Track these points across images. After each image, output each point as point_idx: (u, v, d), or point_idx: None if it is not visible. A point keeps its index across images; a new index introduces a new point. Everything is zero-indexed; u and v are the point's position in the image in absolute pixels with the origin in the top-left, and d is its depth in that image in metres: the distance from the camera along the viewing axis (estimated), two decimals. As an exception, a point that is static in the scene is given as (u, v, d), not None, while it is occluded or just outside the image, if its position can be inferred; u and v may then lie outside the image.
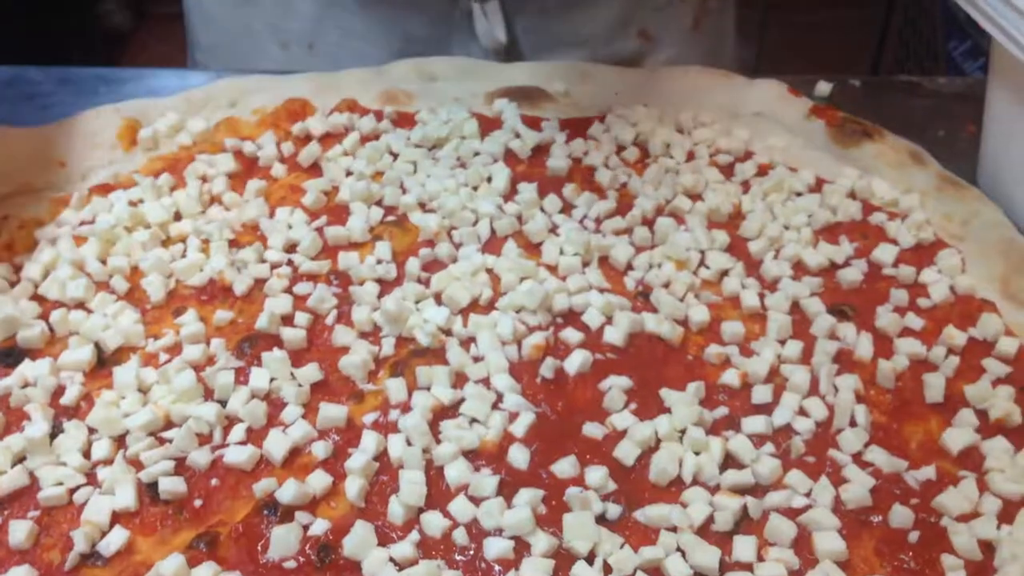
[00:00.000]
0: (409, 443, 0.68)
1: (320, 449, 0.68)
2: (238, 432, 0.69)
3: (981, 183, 0.92)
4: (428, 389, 0.71)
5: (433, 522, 0.64)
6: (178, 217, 0.86)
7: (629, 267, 0.83)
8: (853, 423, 0.71)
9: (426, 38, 1.07)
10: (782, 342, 0.77)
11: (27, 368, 0.72)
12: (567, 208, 0.88)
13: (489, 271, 0.81)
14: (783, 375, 0.74)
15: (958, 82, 1.07)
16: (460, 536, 0.63)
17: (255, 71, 1.01)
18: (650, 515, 0.64)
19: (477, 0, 1.03)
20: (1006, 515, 0.66)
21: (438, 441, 0.68)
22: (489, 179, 0.90)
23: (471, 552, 0.63)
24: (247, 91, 0.98)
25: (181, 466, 0.67)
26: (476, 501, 0.65)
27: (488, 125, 0.95)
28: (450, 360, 0.74)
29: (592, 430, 0.70)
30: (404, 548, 0.62)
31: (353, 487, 0.65)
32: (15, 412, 0.70)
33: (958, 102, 1.03)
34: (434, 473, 0.67)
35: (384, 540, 0.63)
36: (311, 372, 0.73)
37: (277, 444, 0.68)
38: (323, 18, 1.08)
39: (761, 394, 0.73)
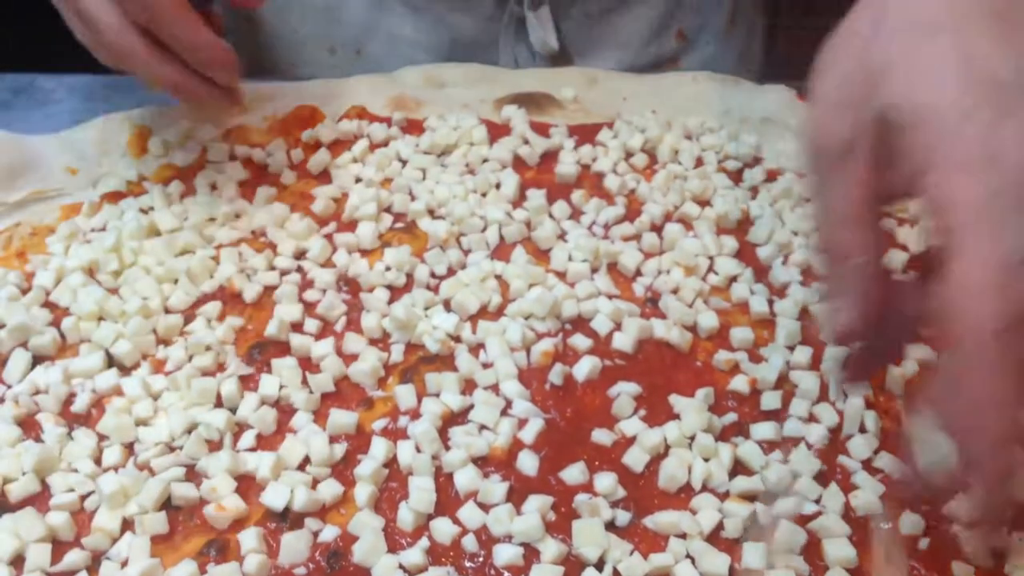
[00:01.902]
0: (418, 450, 0.68)
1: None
2: (248, 439, 0.69)
3: (991, 188, 0.91)
4: (437, 395, 0.72)
5: (442, 528, 0.64)
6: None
7: (638, 273, 0.83)
8: (863, 429, 0.71)
9: (474, 42, 1.07)
10: (791, 348, 0.76)
11: (39, 375, 0.73)
12: (576, 214, 0.88)
13: (498, 277, 0.81)
14: (792, 381, 0.74)
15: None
16: (470, 543, 0.63)
17: (299, 78, 1.02)
18: (659, 522, 0.64)
19: (531, 8, 1.03)
20: (1018, 522, 0.66)
21: (447, 448, 0.68)
22: (498, 185, 0.90)
23: (481, 559, 0.63)
24: (257, 98, 0.98)
25: (191, 472, 0.67)
26: (485, 508, 0.65)
27: (497, 131, 0.95)
28: (459, 367, 0.74)
29: (601, 436, 0.70)
30: (414, 555, 0.62)
31: (363, 494, 0.65)
32: (27, 420, 0.71)
33: (967, 107, 1.03)
34: (443, 479, 0.67)
35: (393, 547, 0.63)
36: (322, 379, 0.73)
37: (293, 452, 0.68)
38: (371, 23, 1.08)
39: (770, 400, 0.73)
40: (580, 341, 0.76)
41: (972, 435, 0.47)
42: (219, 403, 0.72)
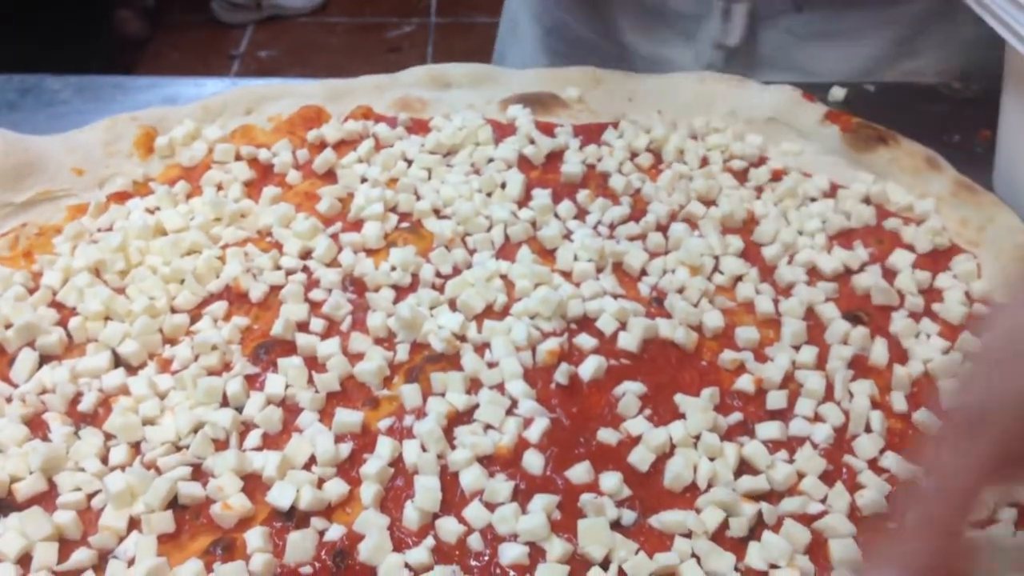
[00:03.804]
0: (424, 449, 0.68)
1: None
2: (254, 438, 0.70)
3: (997, 188, 0.92)
4: (443, 395, 0.72)
5: (448, 527, 0.64)
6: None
7: (643, 273, 0.83)
8: (868, 429, 0.71)
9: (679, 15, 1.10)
10: (797, 347, 0.76)
11: (46, 375, 0.73)
12: (581, 214, 0.88)
13: (503, 277, 0.81)
14: (798, 381, 0.74)
15: (973, 87, 1.07)
16: (475, 542, 0.63)
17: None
18: (665, 521, 0.65)
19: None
20: (1023, 521, 0.66)
21: (453, 447, 0.68)
22: (503, 185, 0.90)
23: (486, 558, 0.63)
24: (263, 98, 0.98)
25: (197, 471, 0.68)
26: (491, 507, 0.65)
27: (502, 131, 0.96)
28: (465, 366, 0.74)
29: (606, 436, 0.70)
30: (419, 553, 0.62)
31: (368, 493, 0.65)
32: (34, 419, 0.71)
33: (973, 107, 1.03)
34: (449, 479, 0.67)
35: (399, 546, 0.63)
36: (328, 378, 0.73)
37: (299, 451, 0.68)
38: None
39: (776, 400, 0.73)
40: (585, 340, 0.76)
41: None
42: (225, 402, 0.72)
